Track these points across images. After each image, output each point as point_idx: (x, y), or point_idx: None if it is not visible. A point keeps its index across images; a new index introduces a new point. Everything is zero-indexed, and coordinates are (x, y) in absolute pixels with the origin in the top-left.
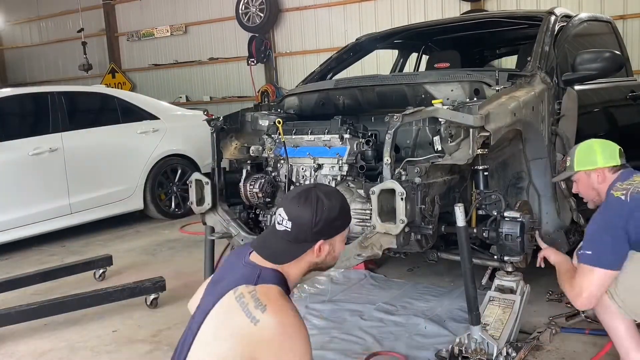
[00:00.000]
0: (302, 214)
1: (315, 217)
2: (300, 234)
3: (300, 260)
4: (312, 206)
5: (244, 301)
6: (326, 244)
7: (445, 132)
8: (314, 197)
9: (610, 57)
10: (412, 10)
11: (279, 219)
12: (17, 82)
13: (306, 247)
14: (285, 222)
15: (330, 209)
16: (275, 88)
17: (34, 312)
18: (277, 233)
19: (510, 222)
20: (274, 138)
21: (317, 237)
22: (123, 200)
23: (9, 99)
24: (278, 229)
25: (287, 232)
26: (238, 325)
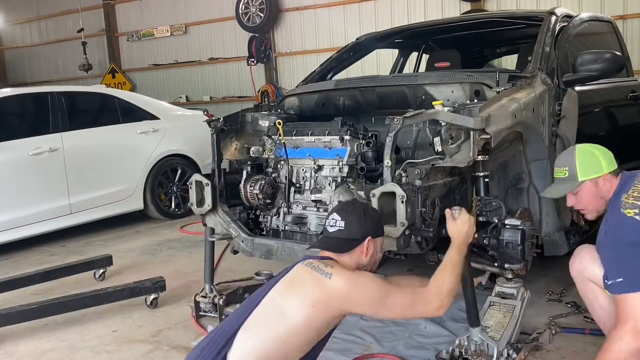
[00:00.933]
0: (352, 215)
1: (364, 218)
2: (352, 231)
3: (352, 254)
4: (359, 210)
5: (314, 265)
6: (371, 243)
7: (446, 134)
8: (359, 205)
9: (610, 58)
10: (412, 10)
11: (332, 223)
12: (17, 82)
13: (357, 242)
14: (339, 223)
15: (373, 213)
16: (275, 88)
17: (34, 312)
18: (330, 235)
19: (511, 230)
20: (274, 139)
21: (365, 234)
22: (123, 200)
23: (9, 99)
24: (331, 231)
25: (340, 230)
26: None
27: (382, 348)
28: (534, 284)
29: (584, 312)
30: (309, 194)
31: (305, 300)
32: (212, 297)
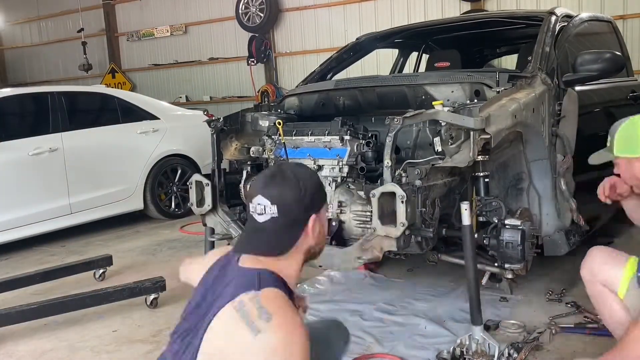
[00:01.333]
0: (285, 192)
1: (301, 191)
2: (291, 214)
3: (297, 247)
4: (292, 181)
5: (246, 310)
6: (317, 219)
7: (446, 134)
8: (289, 171)
9: (610, 58)
10: (412, 10)
11: (259, 210)
12: (17, 82)
13: (300, 228)
14: (269, 209)
15: (309, 178)
16: (275, 88)
17: (34, 312)
18: (262, 227)
19: (511, 230)
20: (274, 139)
21: (308, 213)
22: (123, 200)
23: (9, 99)
24: (261, 220)
25: (274, 218)
26: (240, 342)
27: (382, 348)
28: (534, 284)
29: (584, 312)
30: None
31: None
32: None
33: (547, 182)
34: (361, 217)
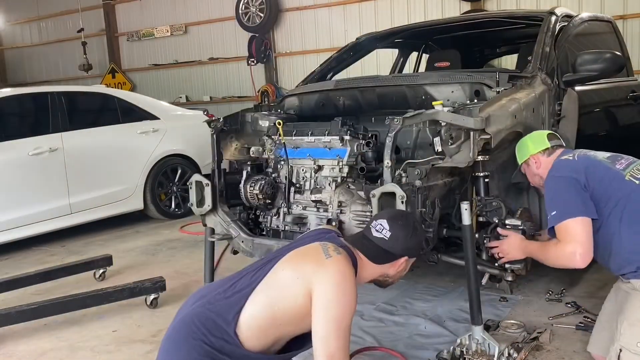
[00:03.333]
0: (401, 231)
1: (411, 237)
2: (394, 246)
3: (381, 266)
4: (410, 228)
5: (327, 246)
6: (405, 262)
7: (446, 134)
8: (412, 221)
9: (610, 58)
10: (412, 10)
11: (379, 228)
12: (17, 82)
13: (392, 258)
14: (385, 232)
15: (420, 234)
16: (275, 88)
17: (34, 312)
18: (372, 238)
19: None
20: (274, 139)
21: (404, 254)
22: (123, 200)
23: (9, 99)
24: (375, 235)
25: (383, 240)
26: (311, 259)
27: None
28: (534, 284)
29: (584, 312)
30: (309, 194)
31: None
32: None
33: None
34: (361, 217)
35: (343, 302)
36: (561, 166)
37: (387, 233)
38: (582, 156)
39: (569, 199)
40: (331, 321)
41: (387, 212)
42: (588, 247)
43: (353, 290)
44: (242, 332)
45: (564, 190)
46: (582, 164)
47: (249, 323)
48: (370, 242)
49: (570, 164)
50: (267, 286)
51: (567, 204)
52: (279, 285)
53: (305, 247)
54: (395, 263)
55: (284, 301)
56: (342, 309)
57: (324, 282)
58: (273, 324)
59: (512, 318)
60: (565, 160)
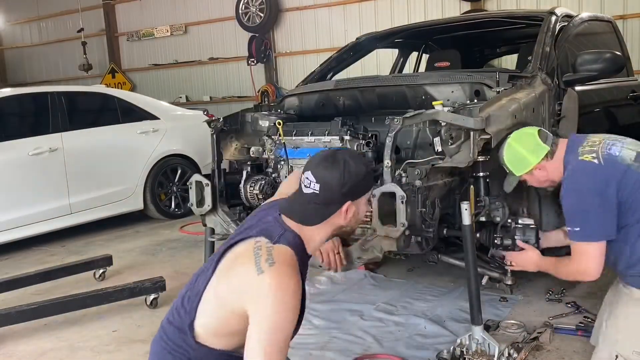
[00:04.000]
0: (330, 176)
1: (343, 178)
2: (329, 195)
3: (327, 222)
4: (339, 168)
5: (259, 253)
6: (353, 205)
7: (446, 134)
8: (341, 159)
9: (610, 58)
10: (412, 10)
11: (306, 182)
12: (17, 82)
13: (334, 209)
14: (313, 185)
15: (357, 170)
16: (275, 88)
17: (34, 312)
18: (304, 196)
19: (525, 229)
20: (274, 139)
21: (344, 199)
22: (123, 200)
23: (9, 99)
24: (305, 192)
25: (315, 194)
26: (242, 273)
27: (382, 348)
28: (534, 284)
29: (584, 312)
30: None
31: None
32: None
33: None
34: None
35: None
36: (585, 174)
37: (315, 186)
38: (607, 158)
39: (594, 219)
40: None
41: (313, 160)
42: (599, 267)
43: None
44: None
45: (588, 206)
46: (611, 172)
47: (205, 331)
48: (303, 202)
49: (596, 172)
50: (210, 298)
51: (590, 224)
52: (217, 299)
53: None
54: (340, 212)
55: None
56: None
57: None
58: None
59: (512, 318)
60: (589, 164)
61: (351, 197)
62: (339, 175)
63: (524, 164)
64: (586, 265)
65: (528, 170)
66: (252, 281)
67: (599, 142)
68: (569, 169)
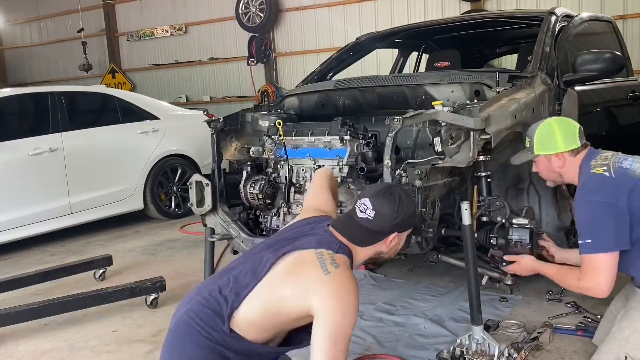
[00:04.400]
0: (385, 207)
1: (397, 212)
2: (380, 224)
3: (372, 247)
4: (395, 203)
5: (323, 258)
6: (397, 237)
7: (446, 134)
8: (397, 195)
9: (610, 58)
10: (412, 10)
11: (362, 208)
12: (17, 82)
13: (381, 236)
14: (369, 212)
15: (409, 208)
16: (275, 88)
17: (34, 312)
18: (357, 219)
19: (519, 229)
20: (274, 139)
21: (392, 230)
22: (123, 200)
23: (9, 99)
24: (360, 216)
25: (368, 220)
26: (309, 274)
27: (382, 348)
28: (534, 284)
29: (584, 312)
30: None
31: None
32: None
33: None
34: None
35: (342, 318)
36: (597, 186)
37: (371, 213)
38: (618, 170)
39: (605, 230)
40: (330, 338)
41: (371, 189)
42: (611, 283)
43: (354, 304)
44: (239, 328)
45: (600, 218)
46: (622, 184)
47: (245, 321)
48: (356, 224)
49: (607, 183)
50: (264, 293)
51: (601, 235)
52: (277, 296)
53: (301, 257)
54: (385, 240)
55: (282, 311)
56: (341, 325)
57: (324, 301)
58: (270, 325)
59: (512, 318)
60: (600, 176)
61: (398, 229)
62: (394, 209)
63: (550, 145)
64: (597, 280)
65: (550, 153)
66: (319, 281)
67: (611, 157)
68: (580, 182)
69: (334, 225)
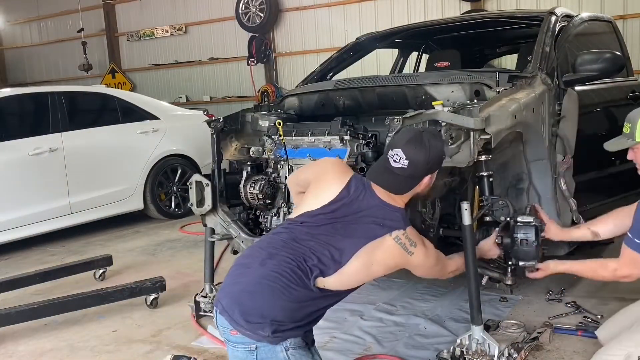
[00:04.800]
0: (418, 155)
1: (429, 157)
2: (416, 171)
3: (410, 192)
4: (426, 149)
5: (402, 242)
6: (430, 178)
7: (446, 134)
8: (426, 140)
9: (610, 58)
10: (412, 10)
11: (395, 158)
12: (17, 82)
13: (417, 181)
14: (403, 161)
15: (438, 149)
16: (275, 88)
17: (34, 312)
18: (392, 169)
19: (525, 227)
20: (274, 139)
21: (426, 173)
22: (123, 200)
23: (9, 99)
24: (394, 166)
25: (403, 169)
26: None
27: (382, 348)
28: (534, 284)
29: (584, 312)
30: None
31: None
32: (212, 297)
33: (547, 182)
34: None
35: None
36: None
37: (404, 162)
38: None
39: None
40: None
41: (401, 138)
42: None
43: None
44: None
45: None
46: None
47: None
48: (392, 174)
49: None
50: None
51: None
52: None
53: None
54: (420, 184)
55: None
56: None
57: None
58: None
59: (512, 318)
60: None
61: (431, 172)
62: (426, 155)
63: None
64: (632, 272)
65: None
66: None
67: None
68: None
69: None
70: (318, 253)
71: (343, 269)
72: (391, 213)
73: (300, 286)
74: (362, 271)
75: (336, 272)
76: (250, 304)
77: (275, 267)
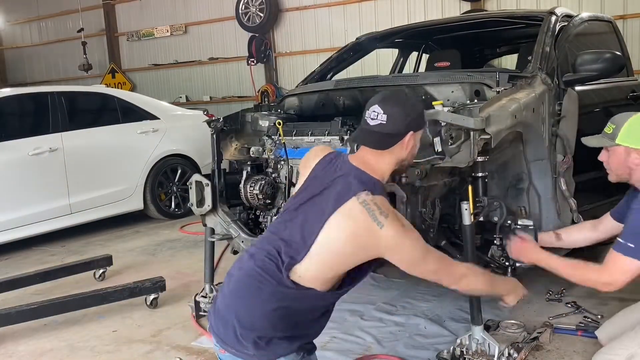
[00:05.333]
0: (396, 108)
1: (408, 110)
2: (395, 126)
3: (392, 153)
4: (403, 102)
5: (369, 206)
6: (413, 137)
7: (446, 134)
8: (403, 95)
9: (610, 58)
10: (412, 10)
11: (373, 115)
12: (17, 82)
13: (398, 138)
14: (381, 117)
15: (417, 105)
16: (275, 88)
17: (34, 312)
18: (371, 128)
19: (524, 230)
20: (274, 139)
21: (408, 129)
22: (123, 200)
23: (9, 99)
24: (372, 124)
25: (382, 124)
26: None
27: (382, 348)
28: (534, 284)
29: (584, 312)
30: None
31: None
32: (212, 297)
33: (547, 182)
34: None
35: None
36: None
37: (382, 117)
38: None
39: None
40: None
41: (376, 97)
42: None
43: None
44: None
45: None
46: None
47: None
48: (372, 133)
49: None
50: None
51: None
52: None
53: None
54: (402, 142)
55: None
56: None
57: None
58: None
59: (512, 318)
60: None
61: (413, 128)
62: (405, 108)
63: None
64: (617, 279)
65: (634, 147)
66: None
67: None
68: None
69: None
70: (290, 238)
71: (311, 250)
72: (365, 177)
73: (274, 279)
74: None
75: (306, 256)
76: (229, 317)
77: (250, 269)
